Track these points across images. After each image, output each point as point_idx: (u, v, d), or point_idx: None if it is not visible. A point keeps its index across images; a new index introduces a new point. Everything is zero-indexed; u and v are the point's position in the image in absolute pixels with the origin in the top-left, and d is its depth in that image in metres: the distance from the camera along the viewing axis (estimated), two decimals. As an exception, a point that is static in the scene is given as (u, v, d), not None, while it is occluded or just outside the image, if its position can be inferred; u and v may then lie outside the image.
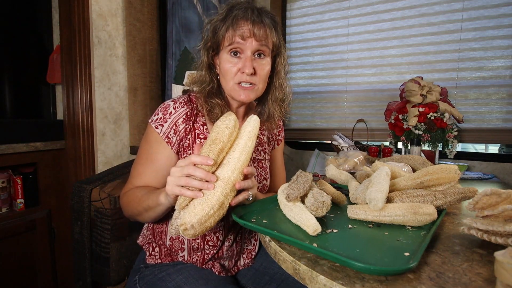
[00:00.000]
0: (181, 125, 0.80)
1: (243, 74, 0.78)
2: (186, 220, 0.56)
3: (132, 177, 0.84)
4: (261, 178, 0.91)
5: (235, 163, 0.63)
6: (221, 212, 0.60)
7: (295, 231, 0.60)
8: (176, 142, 0.80)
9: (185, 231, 0.56)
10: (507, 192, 0.55)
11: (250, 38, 0.76)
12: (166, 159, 0.81)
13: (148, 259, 0.86)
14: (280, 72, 0.87)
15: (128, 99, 1.70)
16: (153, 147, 0.81)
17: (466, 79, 1.67)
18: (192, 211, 0.57)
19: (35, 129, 1.52)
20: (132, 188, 0.82)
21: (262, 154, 0.95)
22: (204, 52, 0.83)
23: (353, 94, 1.98)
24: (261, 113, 0.91)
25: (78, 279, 1.08)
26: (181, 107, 0.81)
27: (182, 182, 0.59)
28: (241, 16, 0.76)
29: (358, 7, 1.91)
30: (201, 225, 0.56)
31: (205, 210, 0.56)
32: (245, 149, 0.65)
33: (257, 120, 0.70)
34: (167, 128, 0.80)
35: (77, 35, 1.47)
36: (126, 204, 0.81)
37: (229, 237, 0.86)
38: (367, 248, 0.52)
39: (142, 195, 0.75)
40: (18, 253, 1.43)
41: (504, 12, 1.57)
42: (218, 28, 0.79)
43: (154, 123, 0.80)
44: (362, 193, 0.69)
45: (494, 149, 2.48)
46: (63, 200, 1.63)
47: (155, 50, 1.81)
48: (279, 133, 1.02)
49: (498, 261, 0.38)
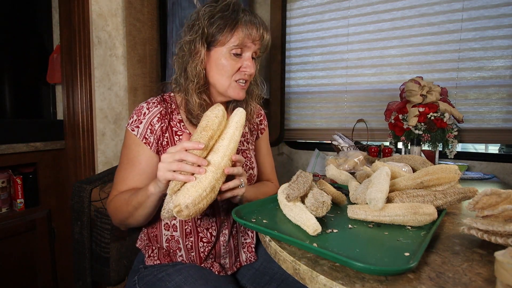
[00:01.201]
0: (156, 124, 0.81)
1: (243, 72, 0.83)
2: (180, 201, 0.58)
3: (116, 183, 0.83)
4: (246, 168, 0.92)
5: (225, 150, 0.65)
6: (212, 196, 0.62)
7: (295, 231, 0.60)
8: (154, 141, 0.81)
9: (179, 212, 0.58)
10: (507, 192, 0.55)
11: (258, 41, 0.82)
12: (147, 160, 0.81)
13: (147, 261, 0.86)
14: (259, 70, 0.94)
15: (128, 99, 1.70)
16: (133, 150, 0.81)
17: (466, 79, 1.67)
18: (186, 193, 0.59)
19: (35, 129, 1.51)
20: (117, 194, 0.81)
21: (245, 144, 0.96)
22: (201, 44, 0.79)
23: (353, 94, 1.98)
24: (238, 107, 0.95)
25: (78, 279, 1.08)
26: (155, 107, 0.83)
27: (174, 167, 0.61)
28: (253, 21, 0.81)
29: (358, 7, 1.91)
30: (195, 206, 0.59)
31: (198, 192, 0.59)
32: (234, 138, 0.68)
33: (243, 112, 0.73)
34: (143, 129, 0.81)
35: (77, 35, 1.47)
36: (114, 210, 0.80)
37: (223, 232, 0.87)
38: (367, 248, 0.52)
39: (129, 196, 0.76)
40: (18, 253, 1.43)
41: (504, 12, 1.57)
42: (222, 26, 0.78)
43: (130, 126, 0.82)
44: (362, 193, 0.69)
45: (494, 149, 2.48)
46: (63, 200, 1.63)
47: (155, 50, 1.81)
48: (261, 122, 1.04)
49: (498, 261, 0.38)
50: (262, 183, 1.00)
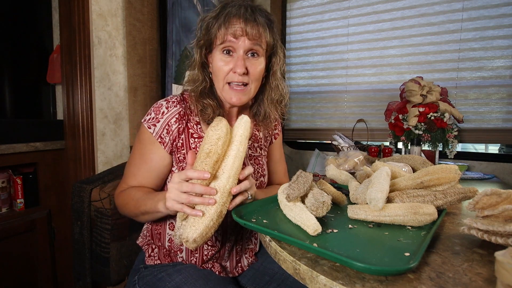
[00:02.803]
0: (174, 125, 0.80)
1: (235, 73, 0.77)
2: (189, 235, 0.57)
3: (126, 176, 0.84)
4: (257, 175, 0.91)
5: (229, 170, 0.63)
6: (220, 220, 0.61)
7: (296, 231, 0.60)
8: (169, 142, 0.80)
9: (187, 243, 0.57)
10: (507, 192, 0.55)
11: (242, 36, 0.75)
12: (160, 159, 0.80)
13: (148, 260, 0.86)
14: (276, 73, 0.85)
15: (128, 99, 1.70)
16: (147, 147, 0.80)
17: (466, 79, 1.67)
18: (193, 225, 0.59)
19: (35, 129, 1.51)
20: (126, 188, 0.82)
21: (258, 150, 0.94)
22: (197, 50, 0.82)
23: (353, 94, 1.98)
24: (257, 114, 0.90)
25: (78, 279, 1.08)
26: (174, 107, 0.81)
27: (183, 200, 0.60)
28: (234, 13, 0.75)
29: (358, 7, 1.91)
30: (203, 238, 0.58)
31: (205, 223, 0.58)
32: (238, 155, 0.65)
33: (248, 121, 0.69)
34: (159, 128, 0.79)
35: (77, 35, 1.47)
36: (122, 205, 0.81)
37: (230, 238, 0.86)
38: (367, 248, 0.52)
39: (139, 198, 0.75)
40: (18, 253, 1.43)
41: (504, 12, 1.57)
42: (211, 26, 0.78)
43: (147, 123, 0.80)
44: (362, 193, 0.69)
45: (494, 149, 2.48)
46: (63, 200, 1.62)
47: (155, 50, 1.81)
48: (275, 127, 1.00)
49: (498, 261, 0.38)
50: (274, 188, 0.96)
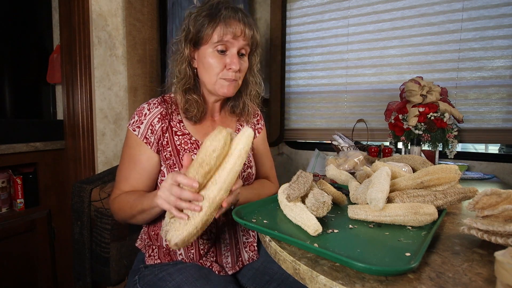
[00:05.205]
0: (157, 125, 0.83)
1: (229, 70, 0.82)
2: (172, 238, 0.60)
3: (118, 182, 0.86)
4: (244, 167, 0.93)
5: (222, 183, 0.62)
6: (204, 228, 0.63)
7: (296, 231, 0.60)
8: (154, 141, 0.83)
9: (170, 244, 0.61)
10: (507, 192, 0.55)
11: (240, 37, 0.81)
12: (148, 159, 0.83)
13: (148, 260, 0.86)
14: (253, 69, 0.93)
15: (128, 99, 1.70)
16: (134, 149, 0.83)
17: (466, 79, 1.67)
18: (178, 229, 0.61)
19: (35, 129, 1.51)
20: (120, 194, 0.83)
21: None
22: (186, 45, 0.84)
23: (353, 94, 1.98)
24: (235, 106, 0.95)
25: (78, 279, 1.08)
26: (155, 108, 0.84)
27: (172, 202, 0.62)
28: (232, 16, 0.80)
29: (358, 7, 1.91)
30: (184, 243, 0.61)
31: (189, 230, 0.60)
32: (234, 169, 0.63)
33: (251, 135, 0.66)
34: (144, 129, 0.82)
35: (77, 35, 1.47)
36: (117, 210, 0.83)
37: (223, 229, 0.88)
38: (368, 248, 0.52)
39: (134, 200, 0.77)
40: (18, 253, 1.43)
41: (504, 12, 1.57)
42: (205, 24, 0.80)
43: (131, 126, 0.83)
44: (363, 193, 0.69)
45: (494, 149, 2.48)
46: (63, 200, 1.63)
47: (155, 50, 1.81)
48: (258, 121, 1.05)
49: (498, 261, 0.38)
50: (259, 184, 1.00)
